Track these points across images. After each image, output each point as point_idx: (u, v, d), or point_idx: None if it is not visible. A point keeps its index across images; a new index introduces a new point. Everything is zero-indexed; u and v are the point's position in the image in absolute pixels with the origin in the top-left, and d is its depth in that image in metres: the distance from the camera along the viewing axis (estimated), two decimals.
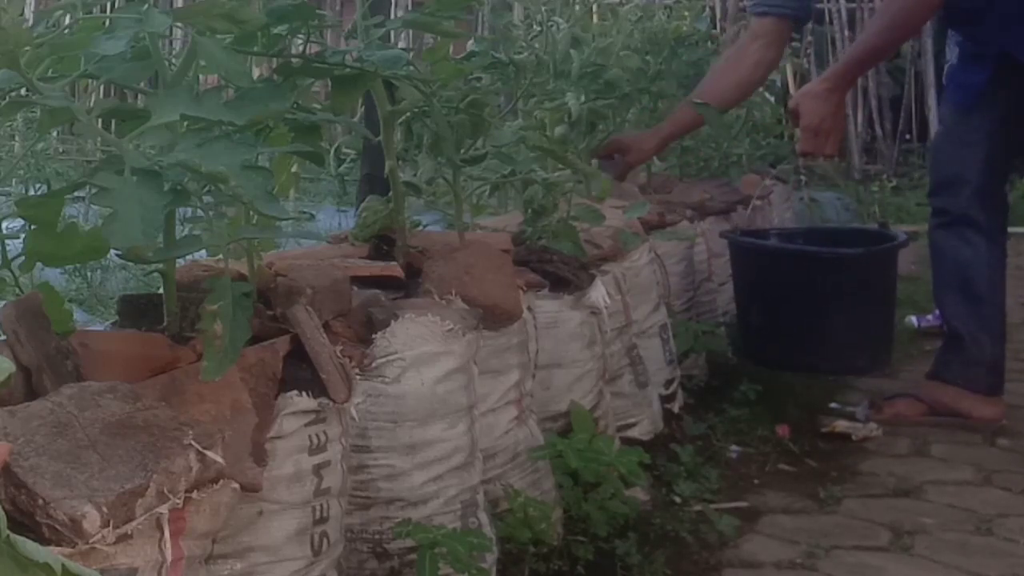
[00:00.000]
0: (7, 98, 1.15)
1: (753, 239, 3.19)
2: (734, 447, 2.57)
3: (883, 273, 2.95)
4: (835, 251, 2.95)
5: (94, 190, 1.06)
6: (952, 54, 2.87)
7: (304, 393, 1.28)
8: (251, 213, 1.27)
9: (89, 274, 3.60)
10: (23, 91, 1.11)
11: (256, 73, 2.09)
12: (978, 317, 2.76)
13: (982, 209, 2.74)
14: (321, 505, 1.28)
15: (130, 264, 2.70)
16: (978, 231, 2.74)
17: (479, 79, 2.13)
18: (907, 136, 8.20)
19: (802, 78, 7.31)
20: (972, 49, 2.76)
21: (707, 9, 4.33)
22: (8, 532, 0.77)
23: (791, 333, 2.93)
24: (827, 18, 8.04)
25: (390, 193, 1.85)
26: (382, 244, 1.88)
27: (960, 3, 2.61)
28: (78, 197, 3.53)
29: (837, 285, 2.87)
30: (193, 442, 1.00)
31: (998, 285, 2.78)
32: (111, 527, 0.91)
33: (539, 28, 2.50)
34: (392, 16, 1.93)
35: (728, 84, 2.93)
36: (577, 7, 2.71)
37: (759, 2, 2.93)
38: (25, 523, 0.90)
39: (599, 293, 2.20)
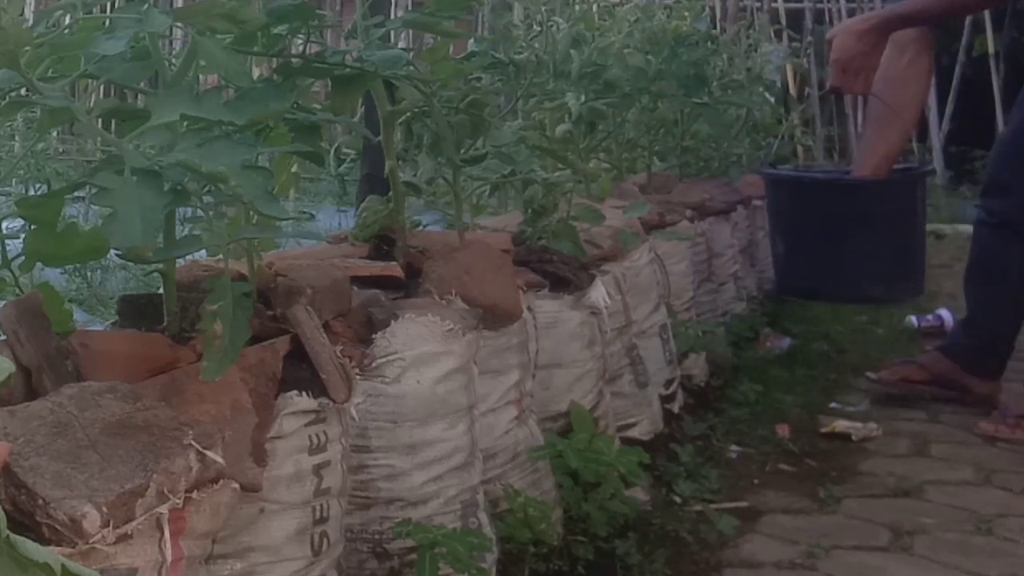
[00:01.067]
0: (7, 98, 1.15)
1: (782, 171, 3.32)
2: (734, 447, 2.57)
3: (911, 201, 3.02)
4: (863, 179, 3.00)
5: (94, 190, 1.06)
6: None
7: (304, 393, 1.28)
8: (251, 213, 1.27)
9: (89, 274, 3.60)
10: (23, 91, 1.11)
11: (256, 73, 2.09)
12: (999, 310, 2.91)
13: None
14: (321, 505, 1.28)
15: (130, 264, 2.70)
16: (1016, 233, 2.82)
17: (479, 79, 2.13)
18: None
19: (802, 78, 7.32)
20: None
21: (707, 9, 4.32)
22: (8, 532, 0.77)
23: (822, 261, 3.01)
24: (827, 18, 8.04)
25: (390, 193, 1.85)
26: (382, 244, 1.88)
27: None
28: (78, 197, 3.52)
29: (866, 212, 2.94)
30: (193, 442, 1.00)
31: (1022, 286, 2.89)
32: (111, 527, 0.91)
33: (539, 28, 2.49)
34: (392, 16, 1.93)
35: (913, 110, 2.98)
36: (577, 7, 2.71)
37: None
38: (25, 523, 0.90)
39: (599, 293, 2.20)
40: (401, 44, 3.19)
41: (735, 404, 2.82)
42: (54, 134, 6.01)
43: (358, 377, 1.39)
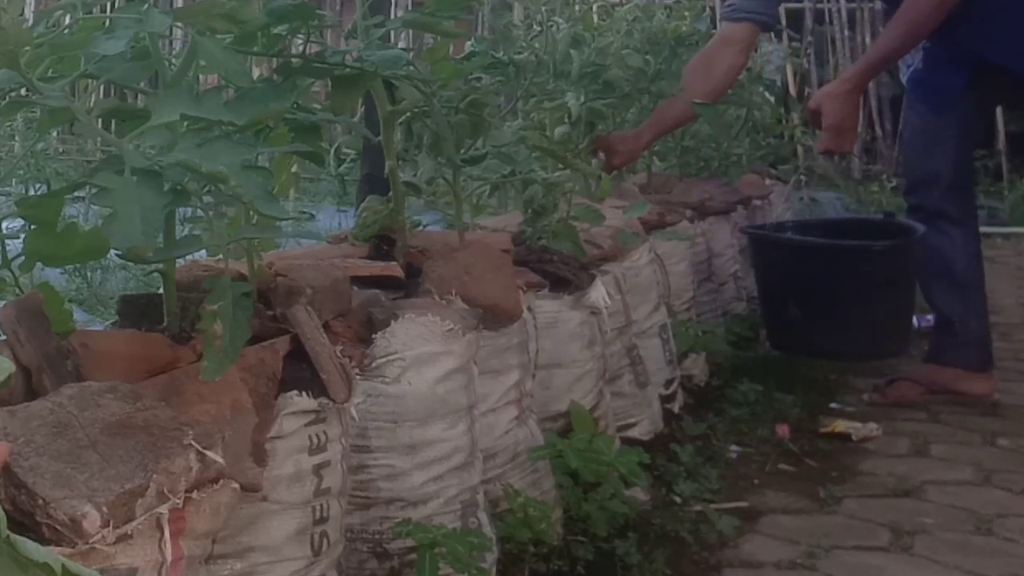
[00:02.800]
0: (7, 98, 1.15)
1: (777, 234, 3.31)
2: (734, 447, 2.57)
3: (907, 263, 3.08)
4: (863, 244, 3.06)
5: (94, 190, 1.06)
6: (915, 58, 2.98)
7: (304, 393, 1.28)
8: (251, 213, 1.27)
9: (89, 274, 3.60)
10: (23, 91, 1.11)
11: (256, 73, 2.09)
12: (963, 300, 2.96)
13: (954, 202, 2.93)
14: (321, 505, 1.28)
15: (130, 264, 2.70)
16: (952, 223, 2.93)
17: (479, 79, 2.13)
18: None
19: (802, 78, 7.32)
20: (943, 53, 2.89)
21: (707, 9, 4.32)
22: (8, 532, 0.77)
23: (819, 322, 3.05)
24: (827, 18, 8.04)
25: (390, 193, 1.85)
26: (382, 244, 1.88)
27: None
28: (78, 197, 3.53)
29: (866, 275, 3.00)
30: (193, 442, 1.00)
31: (976, 269, 2.97)
32: (111, 527, 0.91)
33: (539, 28, 2.49)
34: (392, 16, 1.93)
35: (704, 90, 2.96)
36: (577, 7, 2.71)
37: (737, 8, 2.98)
38: (25, 523, 0.90)
39: (599, 293, 2.20)
40: (401, 44, 3.19)
41: (735, 404, 2.82)
42: (54, 134, 6.01)
43: (358, 377, 1.39)
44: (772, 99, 4.54)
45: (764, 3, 2.97)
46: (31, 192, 3.91)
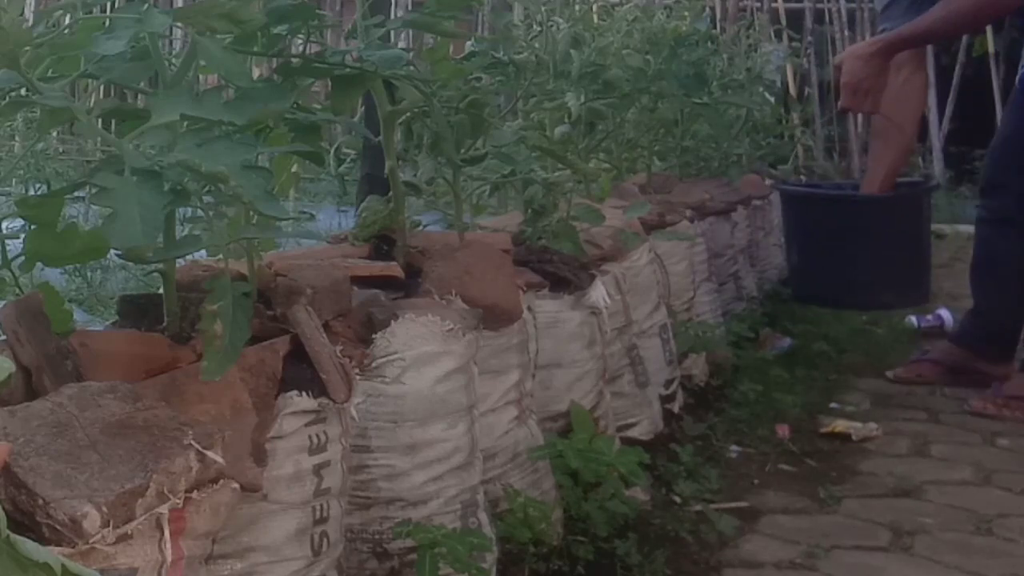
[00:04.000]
0: (7, 98, 1.15)
1: (803, 187, 3.63)
2: (734, 447, 2.57)
3: (917, 214, 3.26)
4: (871, 195, 3.21)
5: (94, 190, 1.06)
6: None
7: (304, 393, 1.28)
8: (251, 213, 1.27)
9: (89, 274, 3.60)
10: (23, 91, 1.11)
11: (256, 73, 2.09)
12: (1001, 296, 3.12)
13: (1021, 211, 3.02)
14: (321, 505, 1.28)
15: (130, 264, 2.69)
16: (1015, 228, 3.05)
17: (479, 79, 2.12)
18: None
19: (802, 78, 7.32)
20: None
21: (707, 9, 4.32)
22: (8, 532, 0.77)
23: (836, 271, 3.23)
24: (827, 18, 8.04)
25: (390, 193, 1.85)
26: (382, 244, 1.88)
27: None
28: (78, 197, 3.53)
29: (878, 226, 3.17)
30: (193, 442, 1.00)
31: (1022, 275, 3.09)
32: (111, 527, 0.91)
33: (539, 28, 2.49)
34: (392, 16, 1.93)
35: (908, 117, 3.16)
36: (577, 7, 2.71)
37: (888, 30, 3.10)
38: (25, 523, 0.90)
39: (599, 293, 2.20)
40: (401, 44, 3.19)
41: (735, 404, 2.82)
42: (54, 134, 6.01)
43: (358, 377, 1.39)
44: (772, 99, 4.54)
45: (917, 15, 3.01)
46: (31, 192, 3.91)
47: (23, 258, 1.25)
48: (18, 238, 1.26)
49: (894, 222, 3.21)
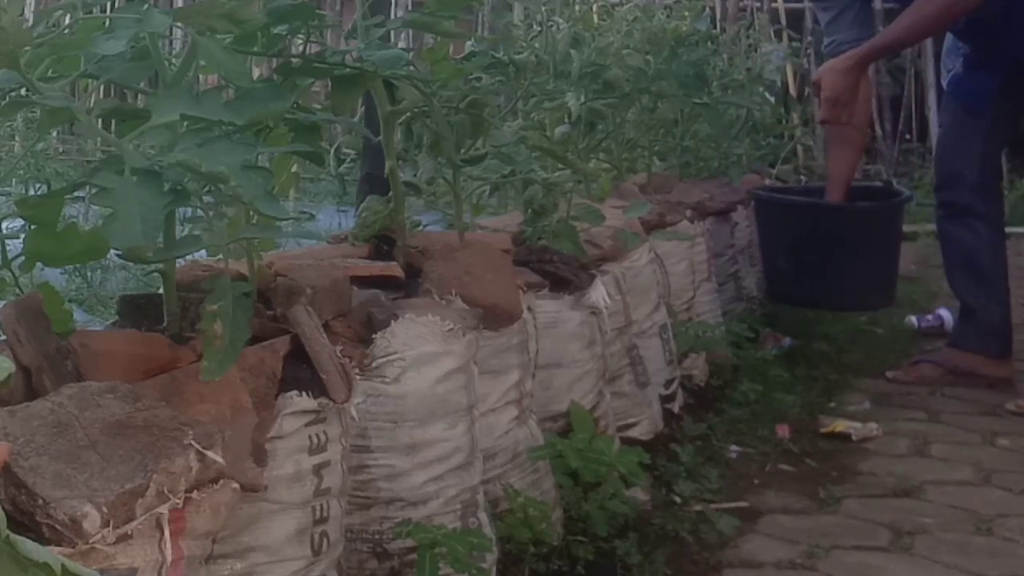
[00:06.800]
0: (7, 98, 1.15)
1: (781, 195, 3.68)
2: (734, 447, 2.57)
3: (893, 223, 3.39)
4: (855, 205, 3.33)
5: (94, 190, 1.06)
6: (955, 63, 3.20)
7: (304, 393, 1.28)
8: (251, 213, 1.27)
9: (89, 274, 3.60)
10: (23, 91, 1.11)
11: (256, 73, 2.09)
12: (986, 291, 3.15)
13: (981, 199, 3.13)
14: (321, 505, 1.28)
15: (130, 264, 2.70)
16: (979, 219, 3.13)
17: (479, 79, 2.12)
18: (907, 136, 8.18)
19: (802, 78, 7.31)
20: (981, 57, 3.10)
21: (707, 9, 4.32)
22: (8, 532, 0.77)
23: (813, 276, 3.30)
24: None
25: (390, 193, 1.85)
26: (382, 244, 1.88)
27: (976, 16, 2.89)
28: (78, 197, 3.52)
29: (857, 233, 3.28)
30: (193, 442, 1.00)
31: (1000, 263, 3.18)
32: (111, 527, 0.91)
33: (539, 28, 2.49)
34: (392, 16, 1.93)
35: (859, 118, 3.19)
36: (577, 7, 2.71)
37: (840, 42, 3.23)
38: (25, 523, 0.90)
39: (599, 293, 2.20)
40: (401, 44, 3.19)
41: (735, 404, 2.82)
42: (54, 134, 6.01)
43: (358, 377, 1.39)
44: (772, 99, 4.54)
45: (861, 26, 3.21)
46: (31, 192, 3.91)
47: (23, 258, 1.25)
48: (18, 238, 1.26)
49: (871, 232, 3.31)
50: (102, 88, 1.30)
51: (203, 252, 1.38)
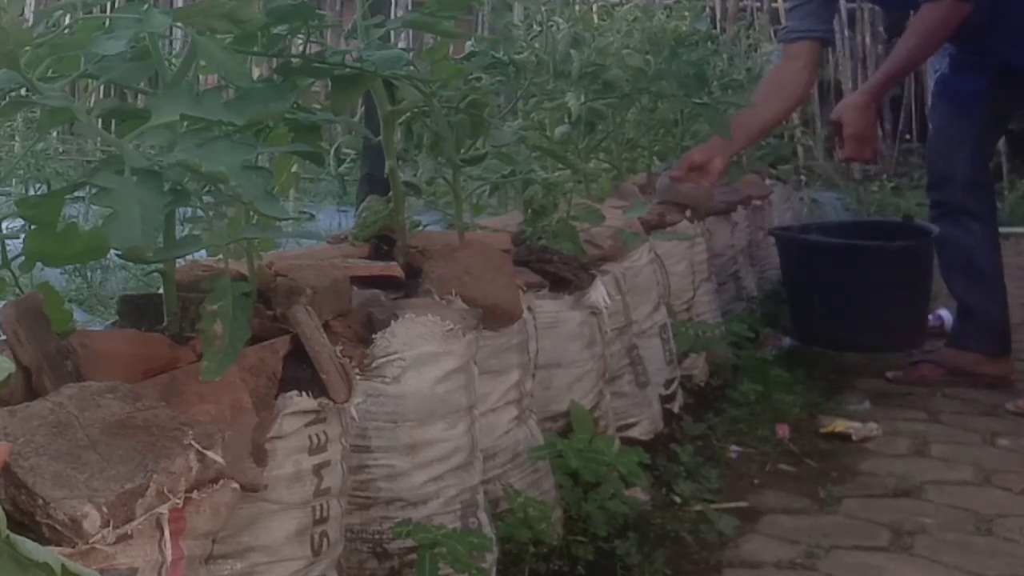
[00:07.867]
0: (7, 98, 1.15)
1: (807, 235, 3.57)
2: (734, 447, 2.57)
3: (920, 262, 3.35)
4: (888, 244, 3.28)
5: (94, 190, 1.06)
6: (942, 64, 3.24)
7: (304, 393, 1.28)
8: (251, 213, 1.27)
9: (89, 274, 3.59)
10: (23, 91, 1.11)
11: (256, 73, 2.09)
12: (983, 290, 3.17)
13: (973, 198, 3.16)
14: (321, 505, 1.28)
15: (130, 264, 2.69)
16: (972, 217, 3.15)
17: (479, 79, 2.12)
18: (907, 136, 8.19)
19: None
20: (967, 59, 3.12)
21: (707, 9, 4.32)
22: (8, 532, 0.77)
23: (840, 317, 3.25)
24: None
25: (390, 193, 1.85)
26: (382, 244, 1.88)
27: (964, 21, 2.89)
28: (78, 197, 3.52)
29: (881, 274, 3.22)
30: (193, 442, 1.00)
31: (995, 261, 3.19)
32: (111, 527, 0.91)
33: (539, 28, 2.49)
34: (392, 16, 1.93)
35: (778, 107, 3.18)
36: (577, 7, 2.71)
37: (792, 29, 3.20)
38: (25, 523, 0.90)
39: (599, 293, 2.20)
40: (401, 44, 3.19)
41: (735, 404, 2.82)
42: (54, 134, 6.00)
43: (358, 377, 1.39)
44: None
45: (816, 19, 3.14)
46: (31, 192, 3.91)
47: (23, 258, 1.25)
48: (18, 238, 1.26)
49: (899, 272, 3.25)
50: (102, 88, 1.31)
51: (203, 252, 1.38)
